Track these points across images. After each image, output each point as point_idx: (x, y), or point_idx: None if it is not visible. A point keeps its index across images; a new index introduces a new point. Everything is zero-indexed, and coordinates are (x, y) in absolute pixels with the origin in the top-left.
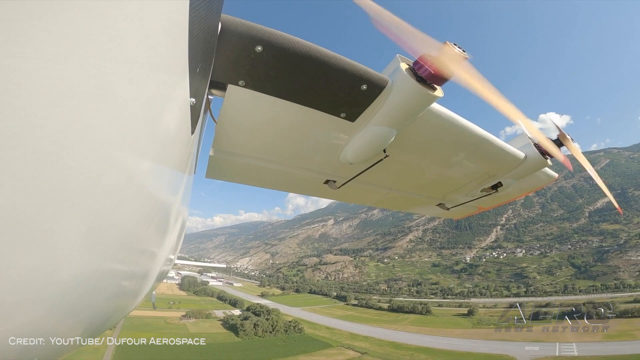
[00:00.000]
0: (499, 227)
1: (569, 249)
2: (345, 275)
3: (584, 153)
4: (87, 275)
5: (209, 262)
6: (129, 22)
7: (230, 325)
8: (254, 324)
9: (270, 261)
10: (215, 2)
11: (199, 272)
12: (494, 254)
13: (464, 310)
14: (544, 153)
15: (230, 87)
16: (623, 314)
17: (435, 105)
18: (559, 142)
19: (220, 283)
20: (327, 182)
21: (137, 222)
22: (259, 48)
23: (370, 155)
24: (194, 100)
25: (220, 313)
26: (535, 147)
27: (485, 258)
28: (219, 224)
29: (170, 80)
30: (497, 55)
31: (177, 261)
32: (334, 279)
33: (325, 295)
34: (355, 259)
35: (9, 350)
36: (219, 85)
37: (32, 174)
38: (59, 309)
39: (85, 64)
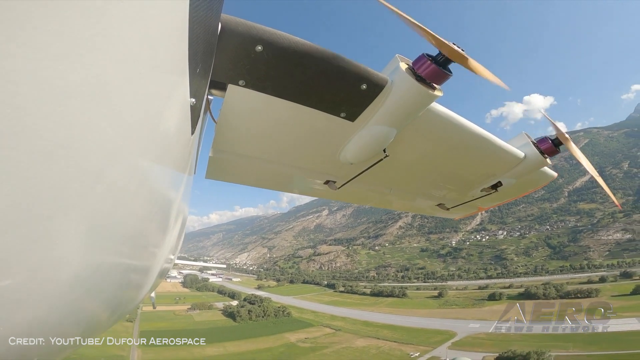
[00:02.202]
0: (483, 209)
1: (547, 229)
2: (338, 264)
3: (569, 133)
4: (87, 276)
5: (209, 262)
6: (128, 21)
7: (229, 313)
8: (249, 311)
9: (268, 255)
10: (215, 2)
11: (199, 270)
12: (477, 237)
13: (436, 293)
14: (543, 152)
15: (230, 87)
16: (566, 295)
17: (435, 105)
18: (557, 142)
19: (220, 279)
20: (327, 182)
21: (137, 222)
22: (260, 47)
23: (371, 155)
24: (194, 100)
25: (220, 305)
26: (535, 146)
27: (469, 241)
28: (216, 221)
29: (170, 80)
30: (479, 40)
31: (177, 261)
32: (327, 269)
33: (317, 284)
34: (348, 248)
35: (9, 350)
36: (219, 85)
37: (32, 174)
38: (59, 309)
39: (85, 64)
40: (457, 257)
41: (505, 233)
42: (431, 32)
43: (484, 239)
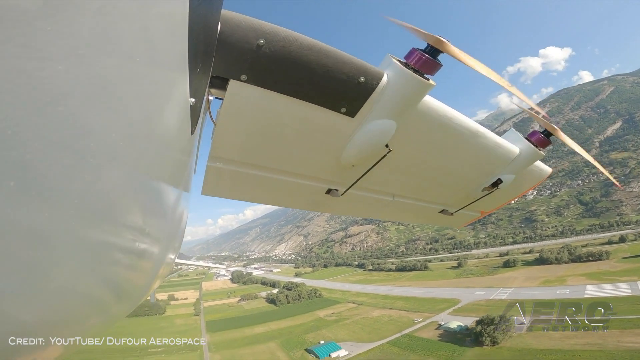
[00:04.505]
0: None
1: (579, 184)
2: (369, 243)
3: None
4: (87, 276)
5: (212, 263)
6: (128, 20)
7: (271, 300)
8: (286, 296)
9: (304, 243)
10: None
11: (243, 266)
12: None
13: (455, 264)
14: (536, 145)
15: (231, 82)
16: (577, 259)
17: (432, 100)
18: (547, 133)
19: (262, 272)
20: (329, 191)
21: (136, 222)
22: (262, 41)
23: (373, 151)
24: (193, 100)
25: (264, 294)
26: (527, 140)
27: None
28: (251, 217)
29: (170, 79)
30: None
31: (177, 260)
32: (359, 249)
33: (349, 265)
34: (378, 226)
35: (9, 350)
36: (220, 81)
37: (31, 173)
38: (59, 308)
39: (84, 64)
40: (487, 223)
41: (535, 192)
42: (418, 29)
43: (513, 201)
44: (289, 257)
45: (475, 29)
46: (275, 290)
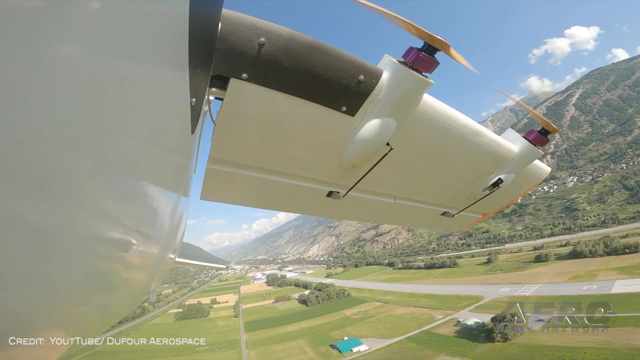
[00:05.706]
0: (548, 155)
1: (622, 168)
2: (400, 241)
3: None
4: (86, 276)
5: (211, 263)
6: (128, 19)
7: (302, 300)
8: (316, 296)
9: (336, 243)
10: None
11: (278, 269)
12: (544, 187)
13: (485, 259)
14: (534, 143)
15: (232, 81)
16: (613, 252)
17: (431, 99)
18: (544, 131)
19: (296, 274)
20: (330, 194)
21: (136, 222)
22: (262, 39)
23: (374, 150)
24: (194, 99)
25: (296, 295)
26: (525, 138)
27: (535, 195)
28: (284, 220)
29: (170, 78)
30: None
31: (177, 259)
32: (391, 247)
33: (379, 264)
34: None
35: (9, 350)
36: (221, 80)
37: (32, 173)
38: (59, 308)
39: (84, 63)
40: (524, 214)
41: (575, 179)
42: (415, 25)
43: (552, 190)
44: (322, 258)
45: (495, 13)
46: (307, 292)
